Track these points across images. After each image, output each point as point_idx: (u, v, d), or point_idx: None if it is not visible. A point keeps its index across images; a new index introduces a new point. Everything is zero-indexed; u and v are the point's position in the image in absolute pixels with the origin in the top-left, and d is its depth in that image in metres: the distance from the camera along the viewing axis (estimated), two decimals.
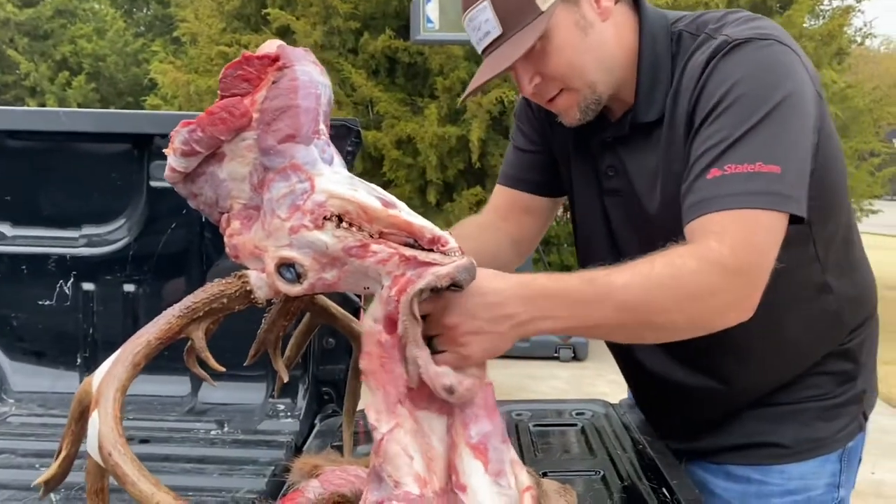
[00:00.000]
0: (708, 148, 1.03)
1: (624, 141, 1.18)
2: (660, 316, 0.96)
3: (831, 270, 1.20)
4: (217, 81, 0.94)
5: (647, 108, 1.14)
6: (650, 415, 1.41)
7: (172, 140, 0.92)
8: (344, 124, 1.50)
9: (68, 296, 1.62)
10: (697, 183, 1.03)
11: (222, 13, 7.51)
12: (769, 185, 0.99)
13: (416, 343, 0.86)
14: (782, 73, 1.04)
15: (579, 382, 5.29)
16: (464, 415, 0.91)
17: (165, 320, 0.89)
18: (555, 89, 1.12)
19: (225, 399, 1.58)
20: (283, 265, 0.90)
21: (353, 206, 0.87)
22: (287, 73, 0.91)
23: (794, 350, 1.22)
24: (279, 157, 0.89)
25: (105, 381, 0.84)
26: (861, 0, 7.81)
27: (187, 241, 1.59)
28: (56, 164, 1.61)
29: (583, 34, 1.09)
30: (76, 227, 1.63)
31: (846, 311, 1.24)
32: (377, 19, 6.90)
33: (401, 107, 6.78)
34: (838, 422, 1.25)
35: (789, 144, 1.02)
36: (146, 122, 1.58)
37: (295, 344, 1.12)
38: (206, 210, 0.98)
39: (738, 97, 1.02)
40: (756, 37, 1.06)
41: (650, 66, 1.13)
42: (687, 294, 0.96)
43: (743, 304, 0.99)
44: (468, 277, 0.86)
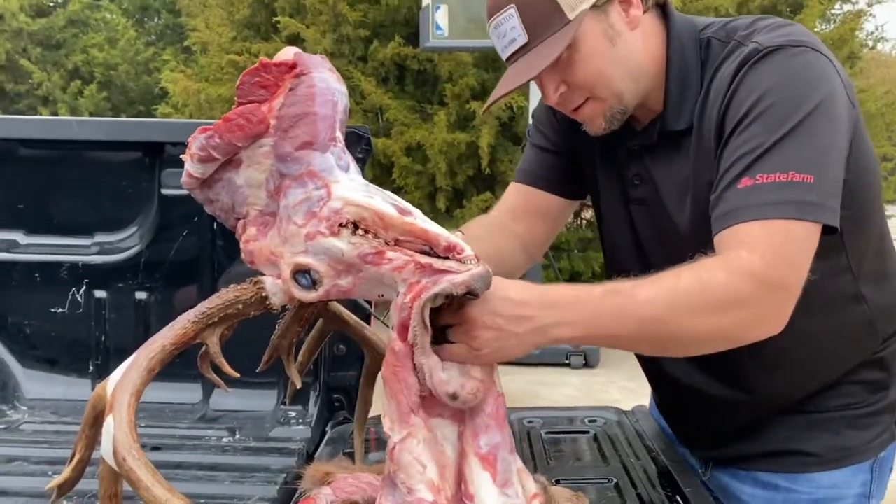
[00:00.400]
0: (739, 157, 1.01)
1: (651, 149, 1.17)
2: (686, 331, 0.94)
3: (864, 280, 1.18)
4: (228, 89, 0.95)
5: (677, 116, 1.12)
6: (676, 422, 1.39)
7: (190, 146, 0.92)
8: (354, 131, 1.50)
9: (81, 303, 1.63)
10: (728, 193, 1.01)
11: (233, 22, 7.55)
12: (802, 194, 0.97)
13: (423, 351, 0.86)
14: (814, 80, 1.02)
15: (591, 389, 5.26)
16: (474, 424, 0.91)
17: (180, 325, 0.89)
18: (580, 98, 1.11)
19: (236, 406, 1.58)
20: (299, 271, 0.90)
21: (368, 213, 0.87)
22: (304, 80, 0.91)
23: (825, 360, 1.20)
24: (296, 164, 0.90)
25: (120, 386, 0.84)
26: (872, 4, 7.76)
27: (199, 249, 1.60)
28: (68, 173, 1.62)
29: (611, 44, 1.08)
30: (88, 235, 1.64)
31: (879, 321, 1.21)
32: (386, 27, 6.92)
33: (410, 114, 6.80)
34: (870, 431, 1.22)
35: (822, 153, 1.00)
36: (157, 131, 1.58)
37: (307, 350, 1.12)
38: (223, 216, 0.98)
39: (769, 105, 1.00)
40: (788, 44, 1.04)
41: (679, 74, 1.12)
42: (715, 307, 0.94)
43: (775, 317, 0.97)
44: (483, 286, 0.86)
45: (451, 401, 0.88)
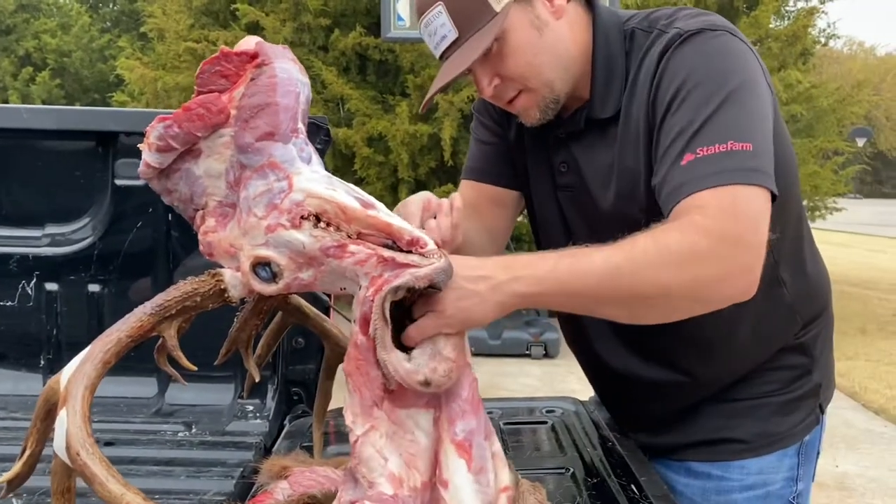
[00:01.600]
0: (676, 136, 1.03)
1: (577, 137, 1.19)
2: (648, 284, 0.93)
3: (784, 264, 1.21)
4: (186, 77, 0.93)
5: (603, 104, 1.14)
6: (613, 411, 1.42)
7: (148, 135, 0.90)
8: (313, 122, 1.48)
9: (31, 296, 1.59)
10: (672, 171, 1.02)
11: (190, 9, 7.42)
12: (744, 161, 0.98)
13: (383, 345, 0.86)
14: (736, 60, 1.05)
15: (551, 379, 5.32)
16: (450, 409, 0.91)
17: (137, 318, 0.88)
18: (514, 90, 1.13)
19: (193, 400, 1.56)
20: (259, 264, 0.89)
21: (331, 206, 0.86)
22: (266, 70, 0.90)
23: (751, 344, 1.24)
24: (257, 155, 0.88)
25: (74, 379, 0.83)
26: (825, 1, 7.94)
27: (154, 241, 1.57)
28: (18, 162, 1.58)
29: (538, 34, 1.09)
30: (39, 226, 1.60)
31: (799, 305, 1.25)
32: (347, 16, 6.87)
33: (372, 104, 6.76)
34: (795, 416, 1.27)
35: (754, 122, 1.02)
36: (110, 120, 1.55)
37: (266, 343, 1.11)
38: (181, 207, 0.97)
39: (696, 84, 1.03)
40: (707, 27, 1.07)
41: (605, 63, 1.14)
42: (674, 261, 0.93)
43: (739, 273, 0.96)
44: (446, 279, 0.86)
45: (425, 388, 0.87)
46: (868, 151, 26.49)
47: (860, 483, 3.80)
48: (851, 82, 10.23)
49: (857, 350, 6.58)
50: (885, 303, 9.08)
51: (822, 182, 7.71)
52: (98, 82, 12.05)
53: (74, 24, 12.07)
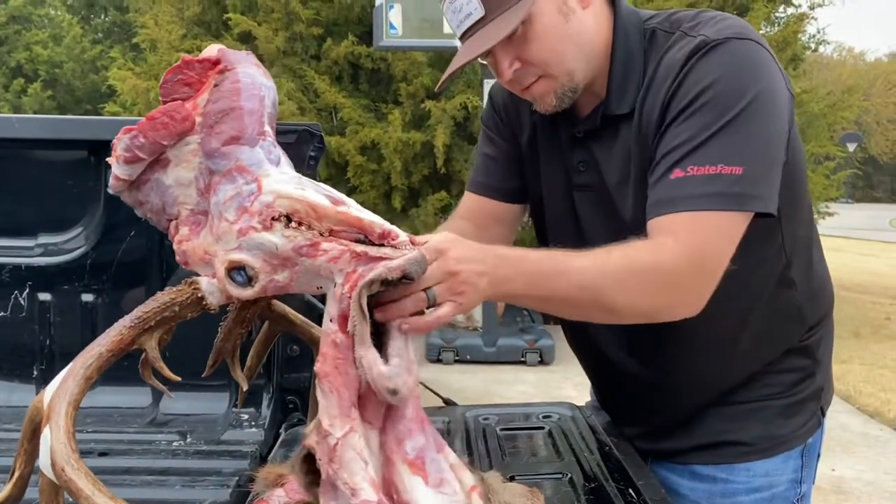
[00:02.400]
0: (673, 148, 1.05)
1: (595, 135, 1.19)
2: (608, 300, 1.01)
3: (795, 266, 1.22)
4: None
5: (620, 101, 1.14)
6: (615, 416, 1.42)
7: (115, 148, 0.90)
8: (307, 129, 1.49)
9: (24, 307, 1.58)
10: (661, 183, 1.05)
11: (182, 19, 7.42)
12: (728, 186, 1.01)
13: (362, 341, 0.84)
14: (757, 71, 1.06)
15: (546, 386, 5.31)
16: (397, 431, 0.89)
17: (116, 331, 0.87)
18: (533, 76, 1.12)
19: (187, 409, 1.55)
20: (234, 269, 0.88)
21: (301, 205, 0.86)
22: (229, 75, 0.90)
23: (759, 345, 1.24)
24: (224, 160, 0.88)
25: (56, 396, 0.82)
26: (814, 7, 7.99)
27: (147, 249, 1.56)
28: (10, 172, 1.57)
29: (564, 20, 1.09)
30: (32, 236, 1.59)
31: (807, 307, 1.26)
32: (340, 25, 6.88)
33: (365, 113, 6.76)
34: (799, 418, 1.27)
35: (756, 143, 1.04)
36: (102, 129, 1.54)
37: (255, 353, 1.11)
38: (154, 218, 0.96)
39: (710, 98, 1.04)
40: (734, 36, 1.07)
41: (623, 60, 1.14)
42: (639, 285, 1.00)
43: (693, 300, 1.04)
44: (419, 270, 0.85)
45: (391, 396, 0.85)
46: (859, 156, 26.65)
47: (856, 487, 3.80)
48: (842, 88, 10.30)
49: (851, 354, 6.59)
50: (878, 306, 9.10)
51: (814, 187, 7.74)
52: (90, 93, 12.03)
53: (66, 36, 12.05)
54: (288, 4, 6.64)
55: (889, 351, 6.82)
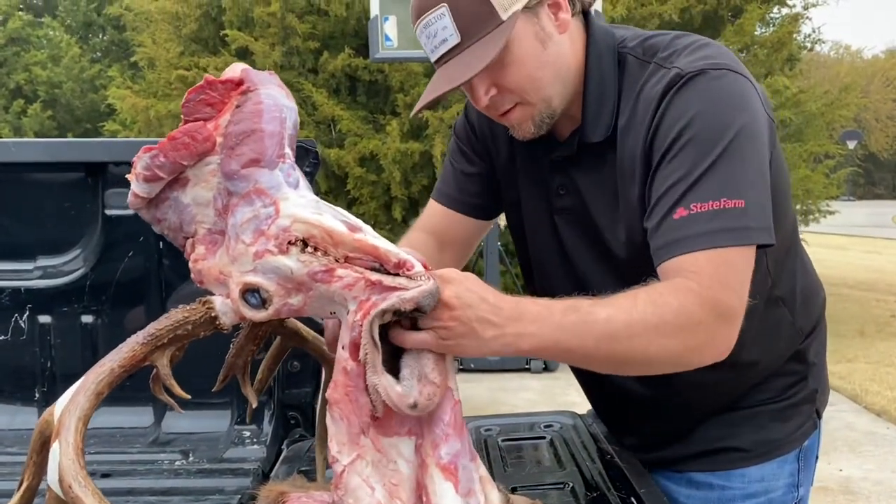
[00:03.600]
0: (670, 186, 1.02)
1: (574, 161, 1.18)
2: (638, 352, 0.96)
3: (781, 284, 1.21)
4: (177, 105, 0.93)
5: (595, 128, 1.13)
6: (611, 427, 1.42)
7: (135, 165, 0.90)
8: (302, 145, 1.49)
9: (24, 329, 1.59)
10: (664, 224, 1.02)
11: (180, 37, 7.46)
12: (736, 220, 1.00)
13: (374, 369, 0.84)
14: (736, 103, 1.04)
15: (551, 392, 5.31)
16: (433, 435, 0.90)
17: (129, 348, 0.87)
18: (510, 103, 1.10)
19: (189, 428, 1.55)
20: (248, 291, 0.88)
21: (318, 231, 0.86)
22: (251, 96, 0.90)
23: (756, 361, 1.23)
24: (243, 182, 0.88)
25: (67, 411, 0.82)
26: (808, 7, 8.01)
27: (145, 269, 1.57)
28: (8, 196, 1.58)
29: (542, 47, 1.07)
30: (30, 258, 1.59)
31: (799, 319, 1.25)
32: (336, 38, 6.91)
33: (363, 124, 6.79)
34: (793, 422, 1.27)
35: (750, 175, 1.02)
36: (99, 150, 1.55)
37: (266, 368, 1.11)
38: (171, 235, 0.97)
39: (695, 134, 1.02)
40: (708, 67, 1.05)
41: (597, 86, 1.12)
42: (669, 331, 0.96)
43: (722, 342, 1.00)
44: (432, 302, 0.85)
45: (412, 410, 0.85)
46: (860, 153, 26.63)
47: (865, 487, 3.79)
48: (839, 86, 10.30)
49: (856, 352, 6.57)
50: (882, 304, 9.08)
51: (815, 186, 7.75)
52: (90, 112, 12.08)
53: (65, 56, 12.12)
54: (284, 19, 6.67)
55: (895, 349, 6.80)
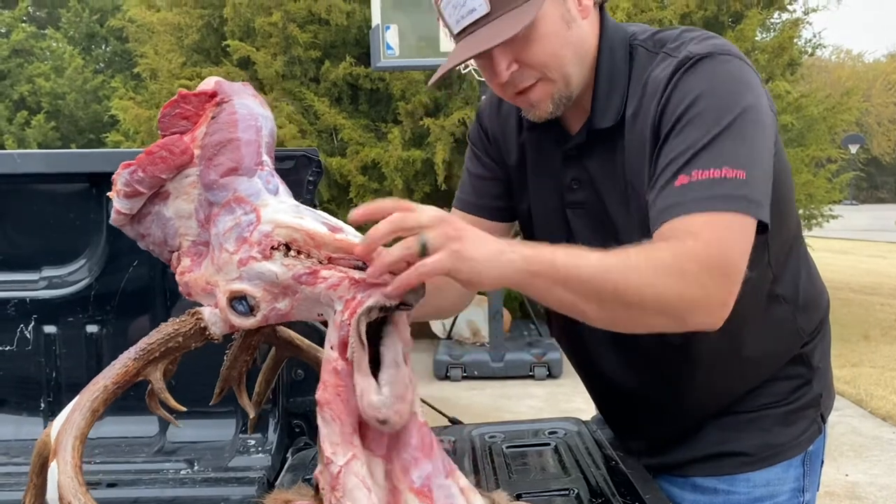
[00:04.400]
0: (674, 157, 1.04)
1: (587, 151, 1.19)
2: (633, 291, 0.95)
3: (783, 281, 1.22)
4: None
5: (604, 114, 1.14)
6: (617, 430, 1.42)
7: (115, 182, 0.92)
8: (304, 154, 1.50)
9: (29, 340, 1.59)
10: (665, 191, 1.03)
11: (182, 47, 7.49)
12: (736, 189, 1.00)
13: (359, 368, 0.84)
14: (742, 86, 1.06)
15: (555, 399, 5.30)
16: (402, 460, 0.89)
17: (121, 364, 0.88)
18: (531, 79, 1.11)
19: (194, 437, 1.55)
20: (235, 298, 0.89)
21: (299, 234, 0.87)
22: (226, 107, 0.91)
23: (757, 359, 1.24)
24: (223, 191, 0.89)
25: (63, 430, 0.83)
26: (808, 12, 8.02)
27: (150, 279, 1.57)
28: (13, 207, 1.59)
29: (566, 27, 1.09)
30: (36, 269, 1.60)
31: (801, 319, 1.26)
32: (337, 47, 6.93)
33: (365, 133, 6.80)
34: (798, 426, 1.27)
35: (752, 152, 1.03)
36: (102, 161, 1.56)
37: (264, 379, 1.11)
38: (156, 250, 0.97)
39: (702, 109, 1.04)
40: (717, 52, 1.08)
41: (608, 74, 1.14)
42: (662, 274, 0.95)
43: (717, 304, 0.98)
44: (416, 297, 0.86)
45: (380, 425, 0.84)
46: (862, 157, 26.58)
47: (871, 492, 3.77)
48: (841, 90, 10.31)
49: (861, 357, 6.55)
50: (887, 308, 9.05)
51: (817, 190, 7.73)
52: (93, 123, 12.11)
53: (68, 67, 12.16)
54: (285, 29, 6.70)
55: None
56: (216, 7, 7.22)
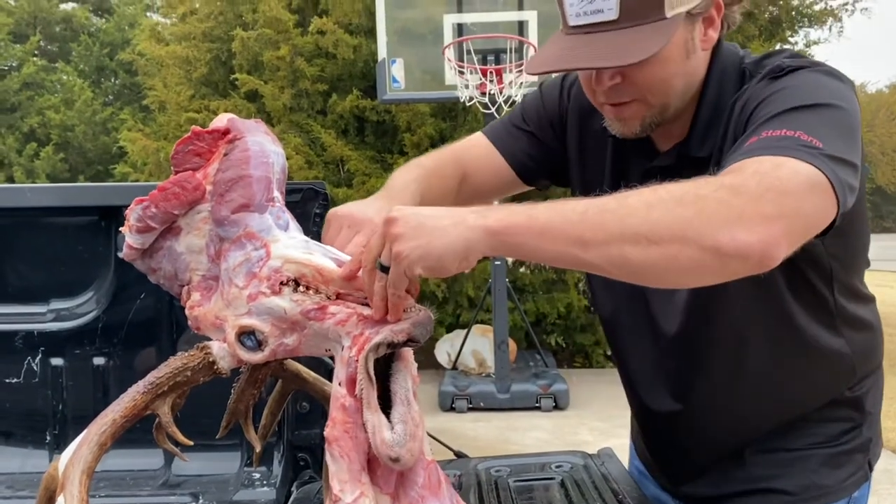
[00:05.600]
0: (750, 131, 0.95)
1: (668, 172, 1.10)
2: (637, 218, 0.79)
3: (844, 315, 1.17)
4: None
5: (701, 143, 1.10)
6: (657, 459, 1.38)
7: (127, 217, 0.93)
8: (311, 187, 1.52)
9: (36, 372, 1.60)
10: (733, 155, 0.92)
11: (190, 80, 7.59)
12: (808, 148, 0.86)
13: (368, 405, 0.83)
14: (836, 92, 0.98)
15: (562, 432, 5.25)
16: (409, 498, 0.88)
17: (130, 398, 0.88)
18: (629, 96, 1.06)
19: (199, 470, 1.55)
20: (244, 333, 0.89)
21: (308, 270, 0.87)
22: (238, 144, 0.92)
23: (802, 390, 1.20)
24: (233, 227, 0.90)
25: (71, 464, 0.83)
26: (810, 45, 8.08)
27: (156, 311, 1.58)
28: (23, 240, 1.61)
29: (685, 56, 1.05)
30: (44, 301, 1.61)
31: (856, 358, 1.21)
32: (344, 80, 7.01)
33: (371, 164, 6.85)
34: (844, 470, 1.22)
35: (835, 132, 0.91)
36: (112, 194, 1.58)
37: (269, 412, 1.11)
38: (166, 284, 0.98)
39: (786, 91, 0.97)
40: (811, 64, 1.02)
41: (712, 102, 1.09)
42: (675, 198, 0.80)
43: (763, 235, 0.78)
44: (424, 333, 0.85)
45: (392, 463, 0.84)
46: (866, 187, 26.50)
47: None
48: None
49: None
50: (895, 338, 8.99)
51: None
52: (101, 154, 12.24)
53: (77, 100, 12.32)
54: (293, 62, 6.79)
55: None
56: (224, 41, 7.33)
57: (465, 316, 6.78)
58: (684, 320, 1.17)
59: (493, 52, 5.09)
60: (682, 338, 1.19)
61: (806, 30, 7.87)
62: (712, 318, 1.14)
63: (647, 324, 1.23)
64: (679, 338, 1.19)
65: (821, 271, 1.10)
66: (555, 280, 6.95)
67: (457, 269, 0.82)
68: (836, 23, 7.81)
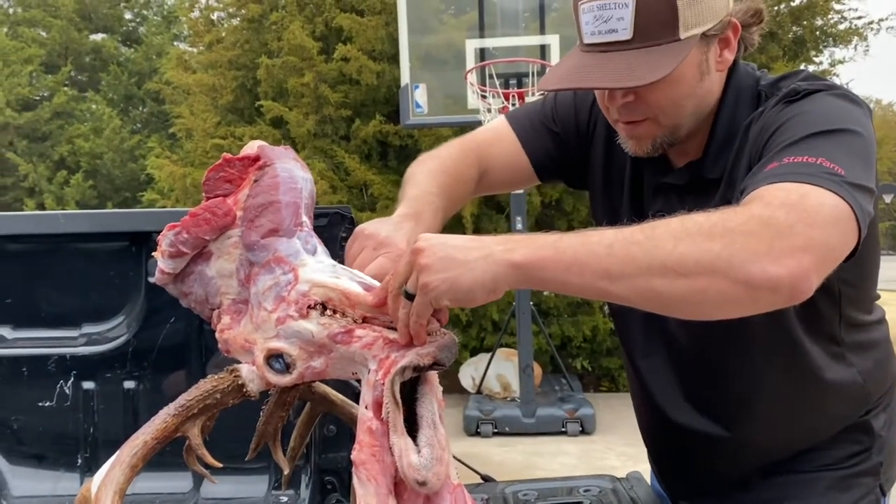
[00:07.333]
0: (769, 155, 0.96)
1: (679, 190, 1.14)
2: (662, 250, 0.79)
3: (851, 346, 1.17)
4: None
5: (714, 163, 1.10)
6: (667, 478, 1.38)
7: (160, 243, 0.95)
8: (338, 212, 1.53)
9: (68, 395, 1.62)
10: (752, 178, 0.92)
11: (216, 107, 7.72)
12: (831, 176, 0.87)
13: (394, 428, 0.83)
14: (853, 117, 0.98)
15: (589, 457, 5.19)
16: None
17: (161, 420, 0.90)
18: (641, 115, 1.07)
19: (227, 493, 1.55)
20: (272, 356, 0.91)
21: (335, 294, 0.89)
22: (268, 171, 0.94)
23: (818, 418, 1.20)
24: (263, 252, 0.92)
25: (103, 486, 0.84)
26: (835, 64, 8.04)
27: (186, 335, 1.60)
28: (55, 265, 1.64)
29: (699, 78, 1.05)
30: (76, 326, 1.64)
31: (869, 385, 1.20)
32: (367, 106, 7.09)
33: (395, 188, 6.88)
34: (853, 493, 1.21)
35: (853, 160, 0.91)
36: (143, 220, 1.61)
37: (298, 434, 1.12)
38: (197, 307, 1.00)
39: (804, 117, 0.97)
40: (829, 87, 1.02)
41: (727, 124, 1.10)
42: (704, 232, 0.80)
43: (785, 253, 0.78)
44: (450, 356, 0.86)
45: (419, 487, 0.83)
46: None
47: None
48: (877, 139, 10.20)
49: None
50: None
51: None
52: (129, 181, 12.46)
53: (106, 128, 12.57)
54: (317, 89, 6.88)
55: None
56: (250, 69, 7.46)
57: (489, 339, 6.76)
58: (700, 346, 1.18)
59: (515, 76, 5.13)
60: (698, 354, 1.20)
61: (831, 49, 7.83)
62: (726, 343, 1.15)
63: (661, 342, 1.23)
64: (695, 356, 1.20)
65: (829, 297, 1.10)
66: (580, 303, 6.92)
67: (483, 301, 0.84)
68: (862, 42, 7.76)
